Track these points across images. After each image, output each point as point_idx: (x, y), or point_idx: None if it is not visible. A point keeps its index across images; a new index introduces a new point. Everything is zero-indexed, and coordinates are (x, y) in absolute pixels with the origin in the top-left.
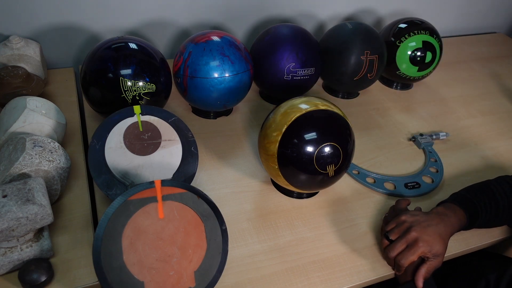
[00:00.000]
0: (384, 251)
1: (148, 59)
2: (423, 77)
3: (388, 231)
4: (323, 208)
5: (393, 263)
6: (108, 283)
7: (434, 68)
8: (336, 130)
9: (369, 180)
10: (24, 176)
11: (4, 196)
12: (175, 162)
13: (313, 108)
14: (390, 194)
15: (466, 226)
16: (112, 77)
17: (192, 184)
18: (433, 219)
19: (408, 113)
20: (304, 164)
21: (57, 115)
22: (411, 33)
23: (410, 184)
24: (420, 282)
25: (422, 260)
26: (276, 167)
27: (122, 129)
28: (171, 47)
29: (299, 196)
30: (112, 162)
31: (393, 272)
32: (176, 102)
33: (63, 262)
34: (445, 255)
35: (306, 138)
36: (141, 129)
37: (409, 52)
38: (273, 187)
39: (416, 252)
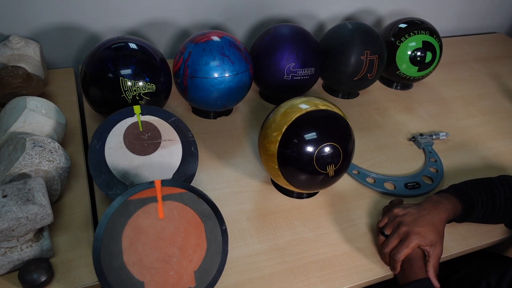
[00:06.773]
0: (380, 248)
1: (148, 59)
2: (423, 77)
3: (383, 227)
4: (323, 208)
5: (389, 259)
6: (108, 283)
7: (434, 68)
8: (336, 130)
9: (369, 180)
10: (24, 176)
11: (4, 196)
12: (175, 162)
13: (313, 108)
14: (390, 194)
15: (460, 217)
16: (112, 77)
17: (192, 184)
18: (425, 208)
19: (408, 113)
20: (304, 164)
21: (57, 115)
22: (411, 33)
23: (410, 184)
24: (435, 281)
25: (424, 257)
26: (276, 167)
27: (122, 129)
28: (171, 47)
29: (299, 196)
30: (112, 162)
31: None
32: (176, 102)
33: (63, 262)
34: (445, 255)
35: (306, 138)
36: (141, 129)
37: (409, 52)
38: (273, 187)
39: (409, 245)
